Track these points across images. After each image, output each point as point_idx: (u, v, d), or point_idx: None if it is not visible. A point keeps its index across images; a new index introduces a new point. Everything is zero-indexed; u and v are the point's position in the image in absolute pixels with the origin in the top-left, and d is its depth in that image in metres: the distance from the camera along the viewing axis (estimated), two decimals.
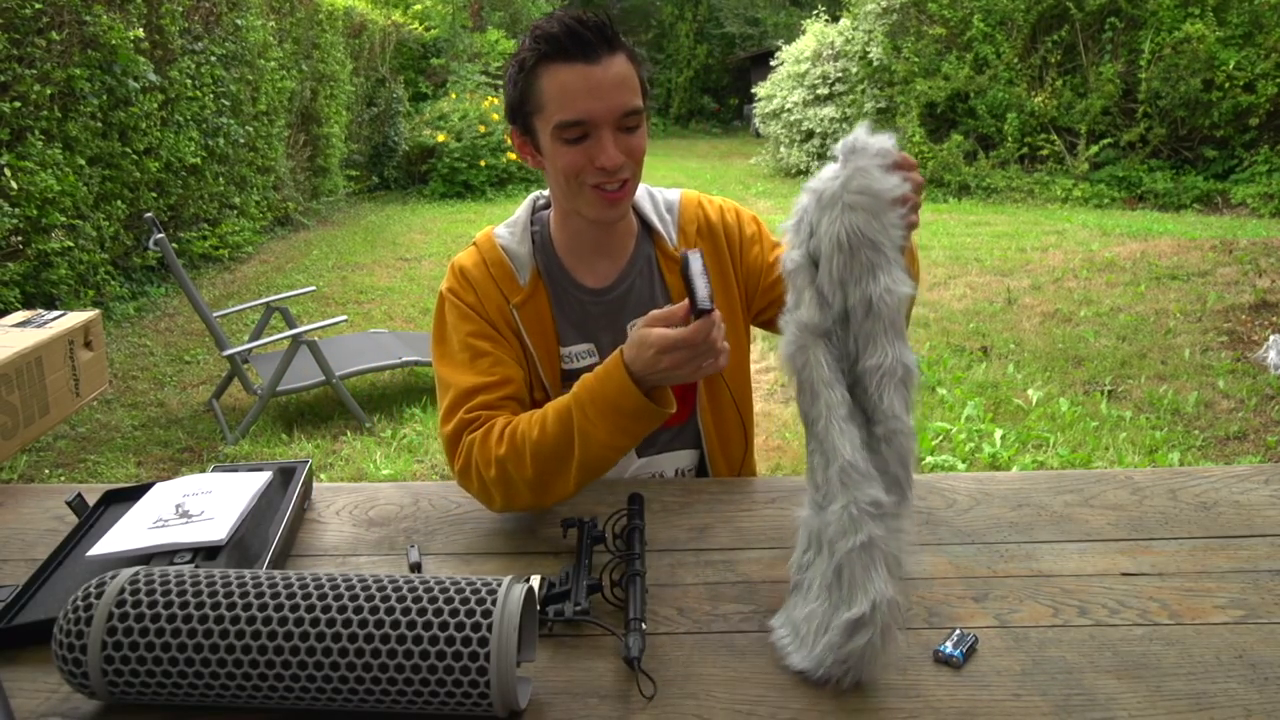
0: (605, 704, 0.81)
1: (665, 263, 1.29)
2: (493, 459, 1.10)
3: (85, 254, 5.13)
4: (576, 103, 1.10)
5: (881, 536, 0.81)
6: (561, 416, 1.08)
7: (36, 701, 0.83)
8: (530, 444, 1.09)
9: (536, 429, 1.09)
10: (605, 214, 1.19)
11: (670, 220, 1.32)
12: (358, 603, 0.77)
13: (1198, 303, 5.17)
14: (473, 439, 1.13)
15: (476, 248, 1.28)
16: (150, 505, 1.09)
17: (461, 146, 10.63)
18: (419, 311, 5.61)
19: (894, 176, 0.83)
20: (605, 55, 1.10)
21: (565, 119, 1.11)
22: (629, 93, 1.12)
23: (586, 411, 1.06)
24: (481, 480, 1.12)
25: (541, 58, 1.11)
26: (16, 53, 4.64)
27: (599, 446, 1.07)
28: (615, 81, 1.11)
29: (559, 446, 1.08)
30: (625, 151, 1.14)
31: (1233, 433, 3.50)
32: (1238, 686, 0.82)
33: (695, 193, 1.37)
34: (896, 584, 0.81)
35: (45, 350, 1.61)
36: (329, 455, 3.51)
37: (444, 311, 1.25)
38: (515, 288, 1.24)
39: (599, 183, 1.15)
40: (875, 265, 0.83)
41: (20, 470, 3.41)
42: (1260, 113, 8.85)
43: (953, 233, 7.62)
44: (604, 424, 1.06)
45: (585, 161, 1.13)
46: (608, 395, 1.05)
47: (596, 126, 1.12)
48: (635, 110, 1.13)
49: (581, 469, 1.09)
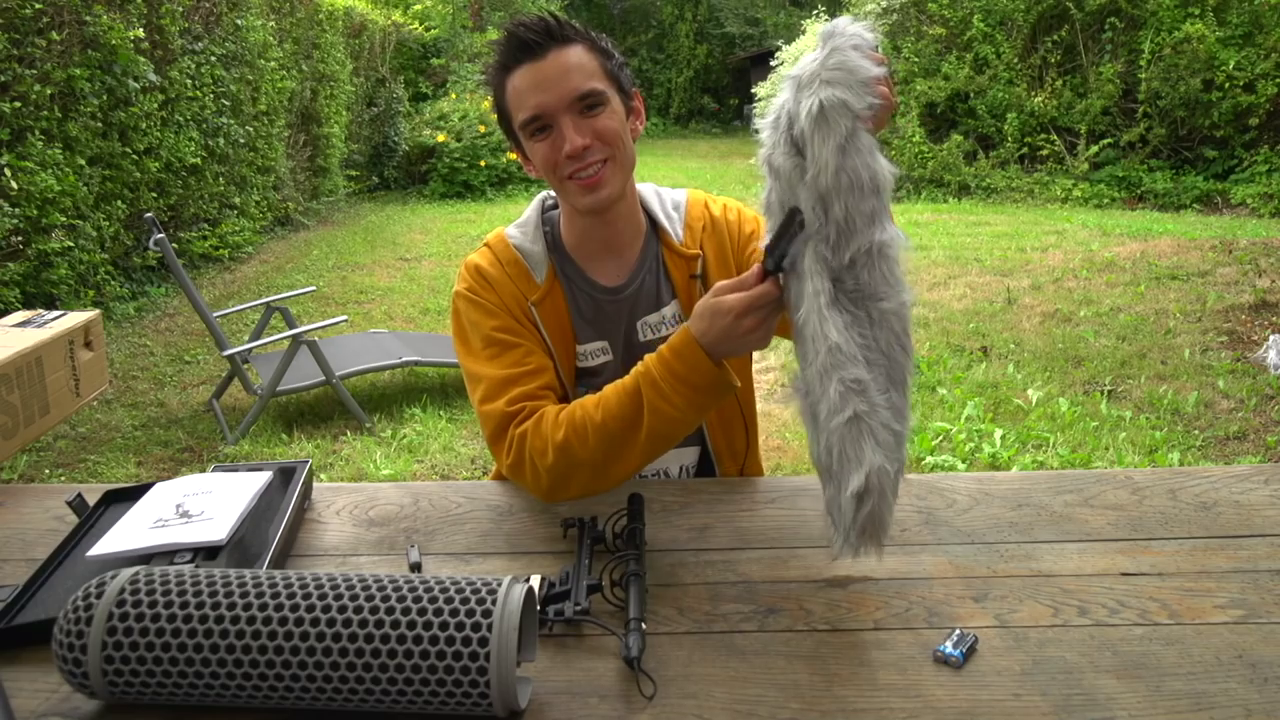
0: (605, 704, 0.81)
1: (671, 258, 1.30)
2: (549, 446, 1.11)
3: (85, 254, 5.13)
4: (528, 99, 1.14)
5: (866, 411, 0.87)
6: (627, 396, 1.09)
7: (36, 701, 0.83)
8: (594, 425, 1.10)
9: (599, 412, 1.10)
10: (588, 200, 1.19)
11: (678, 218, 1.32)
12: (358, 603, 0.77)
13: (1198, 303, 5.17)
14: (522, 430, 1.14)
15: (490, 248, 1.29)
16: (150, 505, 1.09)
17: (461, 146, 10.63)
18: (419, 311, 5.61)
19: (869, 61, 0.88)
20: (553, 49, 1.14)
21: (524, 117, 1.16)
22: (580, 76, 1.14)
23: (660, 388, 1.07)
24: (536, 470, 1.13)
25: (501, 69, 1.17)
26: (16, 53, 4.64)
27: (671, 423, 1.08)
28: (562, 69, 1.14)
29: (625, 426, 1.09)
30: (591, 134, 1.15)
31: (1233, 433, 3.50)
32: (1237, 686, 0.82)
33: (701, 192, 1.37)
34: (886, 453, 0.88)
35: (45, 350, 1.61)
36: (329, 455, 3.51)
37: (463, 311, 1.25)
38: (532, 286, 1.25)
39: (573, 171, 1.16)
40: (854, 134, 0.87)
41: (20, 470, 3.41)
42: (1260, 113, 8.85)
43: (953, 233, 7.62)
44: (678, 399, 1.07)
45: (554, 153, 1.16)
46: (678, 371, 1.06)
47: (553, 116, 1.14)
48: (590, 92, 1.15)
49: (650, 445, 1.10)
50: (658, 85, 22.12)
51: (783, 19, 20.50)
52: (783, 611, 0.95)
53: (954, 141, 10.07)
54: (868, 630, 0.91)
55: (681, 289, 1.29)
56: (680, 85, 22.23)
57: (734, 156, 14.94)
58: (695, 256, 1.29)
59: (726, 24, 22.08)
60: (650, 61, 22.47)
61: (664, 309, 1.30)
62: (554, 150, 1.16)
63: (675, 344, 1.08)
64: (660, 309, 1.30)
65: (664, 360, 1.08)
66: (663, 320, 1.30)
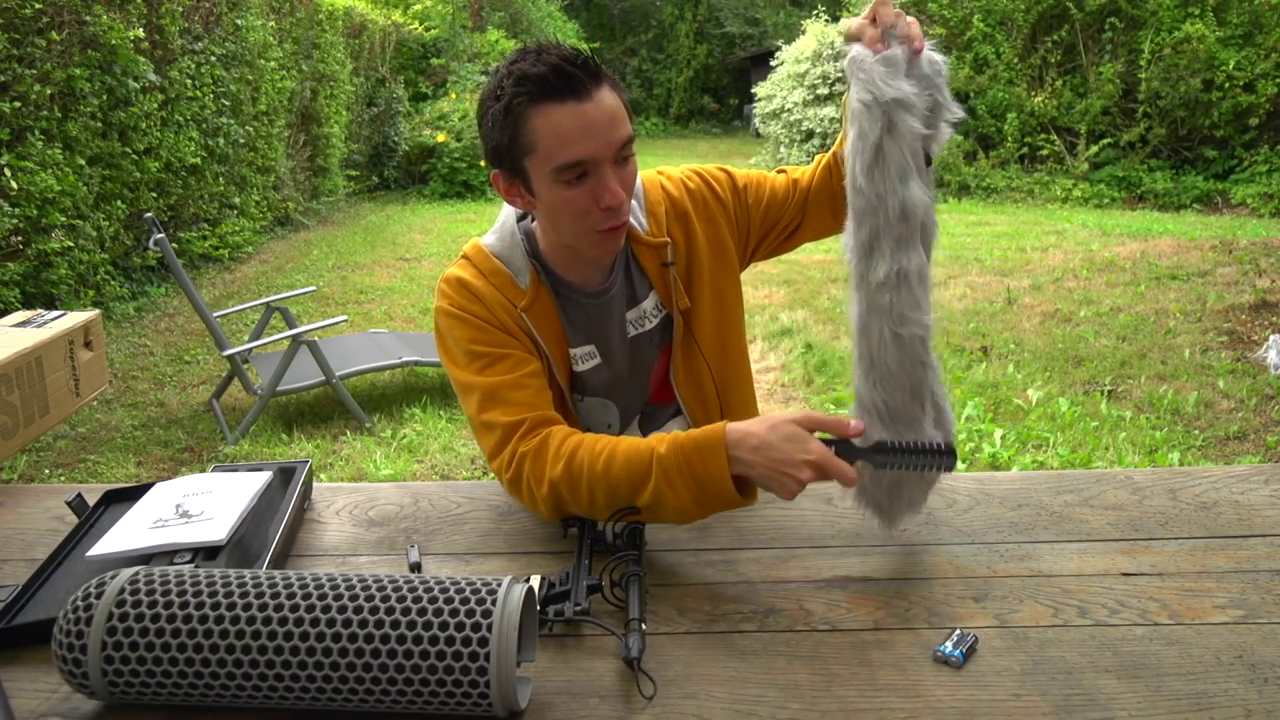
0: (605, 704, 0.81)
1: (640, 251, 1.26)
2: (545, 478, 1.07)
3: (85, 254, 5.13)
4: (575, 143, 1.06)
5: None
6: (635, 470, 1.04)
7: (36, 701, 0.83)
8: (594, 476, 1.05)
9: (601, 463, 1.05)
10: (607, 249, 1.16)
11: (638, 207, 1.28)
12: (358, 603, 0.77)
13: (1198, 303, 5.17)
14: (525, 453, 1.09)
15: (469, 260, 1.24)
16: (150, 505, 1.09)
17: (461, 146, 10.63)
18: (419, 311, 5.61)
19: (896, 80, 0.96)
20: (594, 90, 1.07)
21: (566, 161, 1.07)
22: (621, 123, 1.10)
23: (670, 479, 1.02)
24: (532, 495, 1.10)
25: (530, 99, 1.06)
26: (16, 53, 4.64)
27: (671, 510, 1.04)
28: (609, 116, 1.08)
29: (622, 493, 1.05)
30: (625, 186, 1.11)
31: (1233, 433, 3.50)
32: (1237, 686, 0.82)
33: (650, 173, 1.33)
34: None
35: (45, 350, 1.61)
36: (329, 455, 3.51)
37: (447, 330, 1.20)
38: (518, 293, 1.20)
39: (607, 224, 1.11)
40: (882, 154, 0.97)
41: (20, 470, 3.41)
42: (1260, 113, 8.86)
43: (953, 233, 7.62)
44: (685, 494, 1.02)
45: (590, 203, 1.10)
46: (696, 473, 1.01)
47: (598, 165, 1.08)
48: (629, 139, 1.11)
49: (646, 512, 1.06)
50: (658, 85, 22.10)
51: (783, 19, 20.47)
52: (783, 611, 0.95)
53: (954, 141, 10.06)
54: (868, 630, 0.91)
55: (655, 278, 1.27)
56: (680, 85, 22.21)
57: (734, 156, 14.93)
58: (664, 244, 1.26)
59: (726, 24, 22.07)
60: (650, 61, 22.46)
61: (643, 303, 1.28)
62: (592, 200, 1.09)
63: (703, 443, 1.01)
64: (639, 304, 1.28)
65: (685, 455, 1.02)
66: (643, 314, 1.28)
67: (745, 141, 17.39)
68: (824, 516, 1.16)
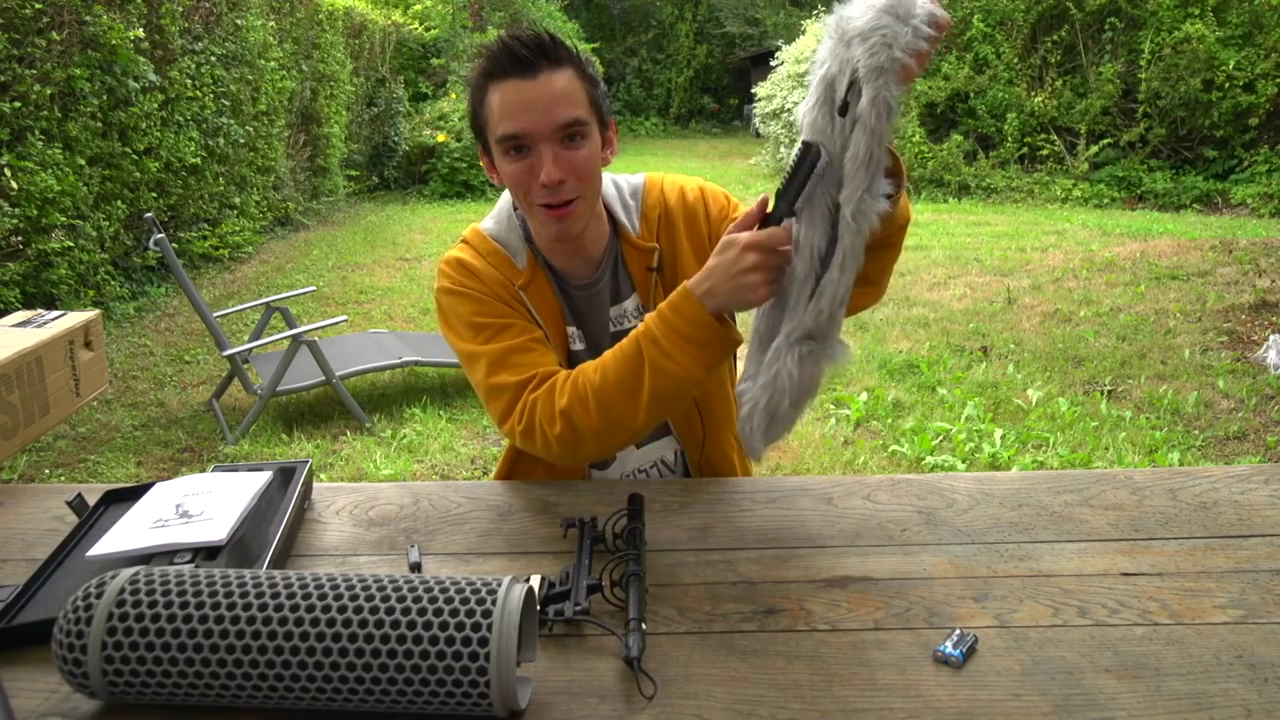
0: (605, 704, 0.81)
1: (629, 252, 1.29)
2: (555, 413, 1.11)
3: (85, 254, 5.13)
4: (513, 116, 1.13)
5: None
6: (628, 357, 1.09)
7: (36, 701, 0.83)
8: (593, 389, 1.10)
9: (598, 375, 1.10)
10: (555, 230, 1.19)
11: (634, 207, 1.31)
12: (358, 603, 0.77)
13: (1198, 303, 5.17)
14: (535, 397, 1.14)
15: (468, 243, 1.29)
16: (150, 505, 1.09)
17: (461, 146, 10.63)
18: (419, 311, 5.61)
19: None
20: (545, 70, 1.12)
21: (504, 131, 1.14)
22: (567, 104, 1.13)
23: (661, 346, 1.07)
24: (546, 438, 1.13)
25: (486, 76, 1.15)
26: (16, 53, 4.64)
27: (675, 381, 1.07)
28: (551, 95, 1.12)
29: (627, 389, 1.09)
30: (569, 168, 1.14)
31: (1233, 433, 3.50)
32: (1237, 686, 0.82)
33: (659, 175, 1.35)
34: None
35: (45, 350, 1.61)
36: (329, 455, 3.51)
37: (448, 306, 1.24)
38: (516, 272, 1.25)
39: (544, 200, 1.16)
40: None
41: (20, 470, 3.41)
42: (1260, 113, 8.86)
43: (953, 233, 7.62)
44: (681, 355, 1.06)
45: (528, 177, 1.15)
46: (678, 327, 1.06)
47: (535, 141, 1.13)
48: (574, 120, 1.13)
49: (655, 406, 1.09)
50: (658, 85, 22.09)
51: (783, 19, 20.46)
52: (783, 611, 0.95)
53: (954, 141, 10.07)
54: (868, 630, 0.91)
55: (640, 282, 1.29)
56: (680, 85, 22.21)
57: (734, 156, 14.94)
58: (651, 249, 1.28)
59: (726, 24, 22.07)
60: (650, 61, 22.45)
61: (624, 302, 1.31)
62: (528, 175, 1.15)
63: (673, 299, 1.07)
64: (621, 302, 1.31)
65: (663, 317, 1.08)
66: (624, 314, 1.31)
67: (745, 141, 17.38)
68: (824, 516, 1.16)
